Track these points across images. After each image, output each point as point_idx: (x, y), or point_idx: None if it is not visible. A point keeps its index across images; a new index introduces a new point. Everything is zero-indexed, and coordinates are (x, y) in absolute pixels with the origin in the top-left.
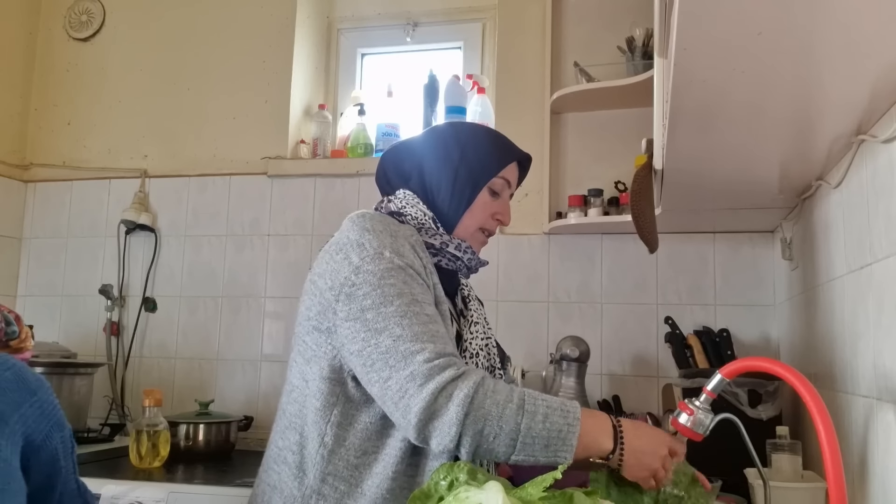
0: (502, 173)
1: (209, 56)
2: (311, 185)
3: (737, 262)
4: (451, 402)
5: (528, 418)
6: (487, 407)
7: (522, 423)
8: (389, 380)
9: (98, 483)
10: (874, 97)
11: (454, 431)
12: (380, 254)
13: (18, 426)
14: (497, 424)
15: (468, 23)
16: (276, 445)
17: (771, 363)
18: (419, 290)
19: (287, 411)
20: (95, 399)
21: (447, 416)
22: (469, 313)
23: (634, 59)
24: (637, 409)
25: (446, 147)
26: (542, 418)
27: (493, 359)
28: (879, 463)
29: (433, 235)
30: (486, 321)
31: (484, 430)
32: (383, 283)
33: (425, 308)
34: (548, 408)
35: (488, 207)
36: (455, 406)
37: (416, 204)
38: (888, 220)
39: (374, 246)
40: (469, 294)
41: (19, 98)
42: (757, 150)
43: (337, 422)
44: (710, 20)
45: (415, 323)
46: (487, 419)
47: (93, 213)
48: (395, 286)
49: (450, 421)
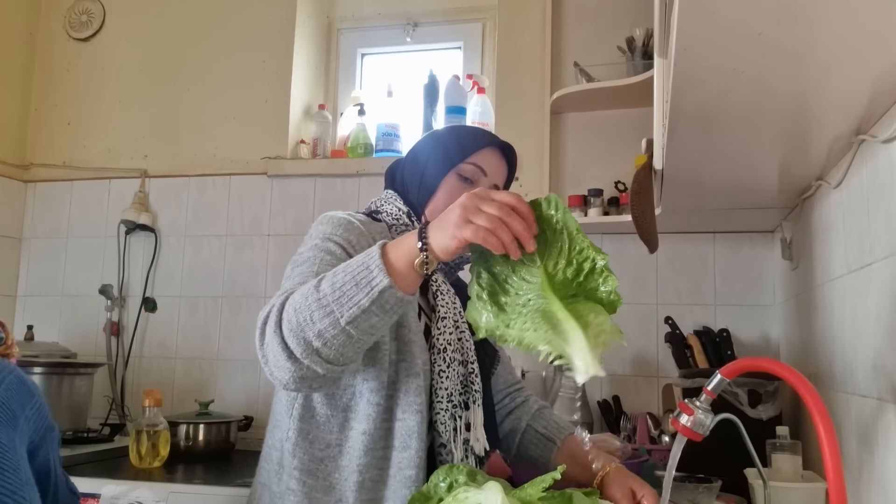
0: (471, 159)
1: (209, 56)
2: (311, 185)
3: (737, 262)
4: (267, 325)
5: (326, 282)
6: (291, 302)
7: (323, 288)
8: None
9: (98, 483)
10: (874, 97)
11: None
12: (325, 238)
13: (25, 426)
14: (305, 308)
15: (468, 23)
16: (266, 444)
17: (771, 363)
18: (329, 258)
19: (274, 410)
20: (95, 399)
21: (268, 337)
22: (438, 308)
23: (634, 59)
24: (637, 409)
25: (422, 143)
26: (342, 271)
27: (467, 353)
28: (879, 463)
29: (402, 231)
30: (461, 314)
31: (297, 319)
32: (309, 255)
33: (321, 268)
34: (347, 264)
35: (456, 193)
36: (270, 327)
37: (393, 201)
38: (888, 220)
39: (319, 234)
40: (438, 289)
41: (19, 98)
42: (757, 151)
43: (299, 415)
44: (711, 20)
45: (296, 275)
46: (297, 310)
47: (93, 213)
48: (315, 255)
49: (270, 339)
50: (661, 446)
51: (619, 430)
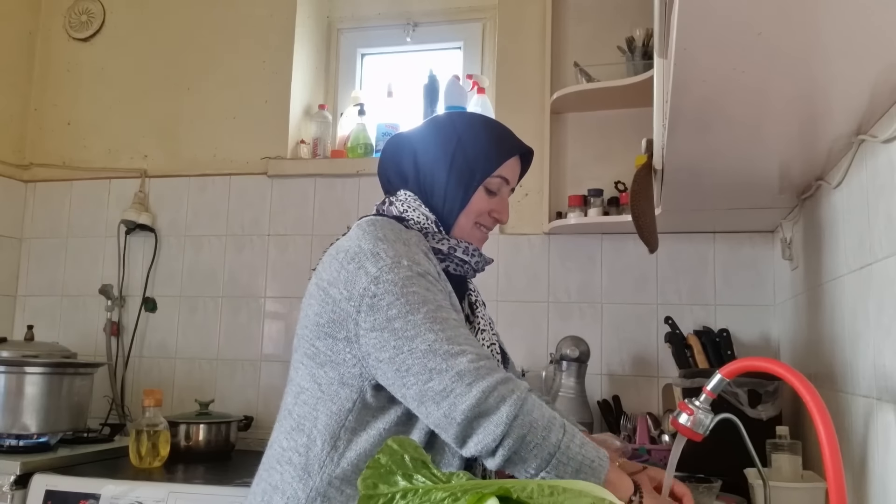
0: (499, 172)
1: (209, 56)
2: (311, 185)
3: (737, 262)
4: (504, 402)
5: (567, 438)
6: (535, 416)
7: (563, 441)
8: (431, 381)
9: (98, 483)
10: (874, 97)
11: (500, 431)
12: (397, 262)
13: None
14: (541, 435)
15: (468, 23)
16: (279, 446)
17: (771, 363)
18: (441, 296)
19: (295, 413)
20: (95, 399)
21: (496, 416)
22: (476, 319)
23: (634, 59)
24: (637, 409)
25: (441, 144)
26: (580, 443)
27: (499, 365)
28: (879, 463)
29: (440, 241)
30: (492, 325)
31: (527, 436)
32: (406, 292)
33: (451, 313)
34: (583, 438)
35: (484, 206)
36: (507, 407)
37: (417, 207)
38: (888, 220)
39: (390, 255)
40: (476, 299)
41: (19, 98)
42: (757, 150)
43: (352, 427)
44: (710, 20)
45: (447, 328)
46: (533, 426)
47: (93, 213)
48: (419, 293)
49: (498, 420)
50: (661, 446)
51: (619, 429)
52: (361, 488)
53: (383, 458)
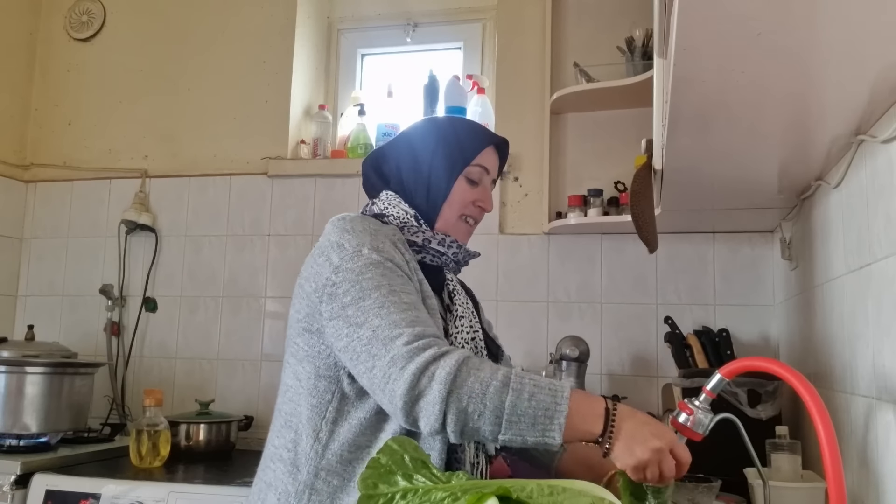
0: (476, 160)
1: (209, 56)
2: (312, 185)
3: (736, 262)
4: (434, 380)
5: (513, 395)
6: (471, 384)
7: (507, 400)
8: (374, 368)
9: (98, 483)
10: (874, 97)
11: (438, 409)
12: (358, 252)
13: None
14: (481, 402)
15: (468, 23)
16: (272, 444)
17: (770, 363)
18: (399, 281)
19: (283, 410)
20: (96, 399)
21: (430, 395)
22: (454, 308)
23: (634, 59)
24: (637, 408)
25: (420, 143)
26: (529, 396)
27: (481, 353)
28: (879, 463)
29: (415, 233)
30: (474, 314)
31: (468, 407)
32: (361, 279)
33: (403, 297)
34: (535, 386)
35: (467, 196)
36: (437, 384)
37: (397, 204)
38: (888, 220)
39: (352, 244)
40: (454, 289)
41: (20, 98)
42: (756, 150)
43: (332, 418)
44: (710, 20)
45: (392, 311)
46: (471, 396)
47: (93, 213)
48: (373, 279)
49: (433, 399)
50: None
51: None
52: (361, 488)
53: (383, 458)
